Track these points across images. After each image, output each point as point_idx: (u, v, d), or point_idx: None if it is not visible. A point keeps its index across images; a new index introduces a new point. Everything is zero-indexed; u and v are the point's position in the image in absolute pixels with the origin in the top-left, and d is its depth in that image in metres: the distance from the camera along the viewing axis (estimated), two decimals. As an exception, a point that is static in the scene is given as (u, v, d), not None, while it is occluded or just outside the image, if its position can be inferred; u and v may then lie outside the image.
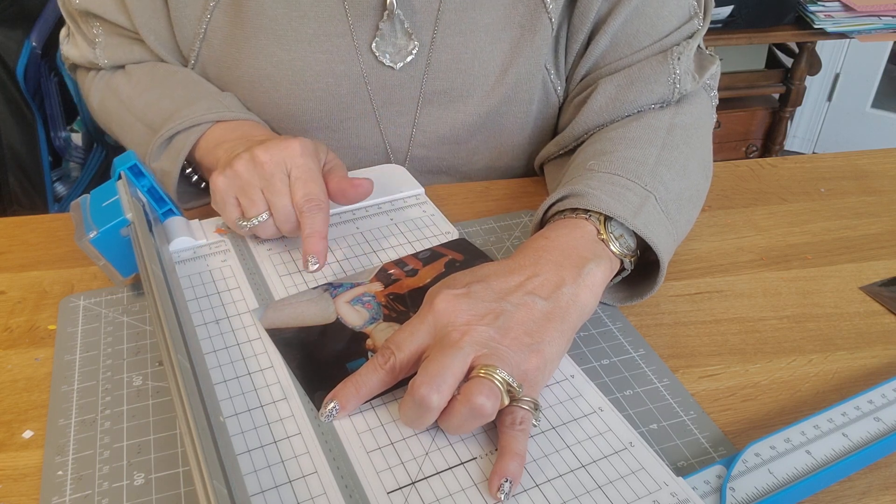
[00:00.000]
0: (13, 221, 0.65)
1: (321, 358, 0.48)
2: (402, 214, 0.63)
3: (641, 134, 0.59)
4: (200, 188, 0.68)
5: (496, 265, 0.48)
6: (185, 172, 0.65)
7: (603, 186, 0.52)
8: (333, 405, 0.43)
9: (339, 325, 0.51)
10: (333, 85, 0.66)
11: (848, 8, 1.79)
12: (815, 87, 2.29)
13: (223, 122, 0.64)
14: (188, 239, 0.58)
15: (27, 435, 0.45)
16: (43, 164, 1.05)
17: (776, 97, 2.02)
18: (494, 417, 0.41)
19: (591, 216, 0.51)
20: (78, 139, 1.11)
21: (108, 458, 0.42)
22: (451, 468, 0.41)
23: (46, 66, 1.02)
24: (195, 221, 0.61)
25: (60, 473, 0.42)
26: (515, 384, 0.41)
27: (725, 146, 2.06)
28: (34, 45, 0.99)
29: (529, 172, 0.75)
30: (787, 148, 2.29)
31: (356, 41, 0.65)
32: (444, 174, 0.74)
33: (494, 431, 0.43)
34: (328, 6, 0.64)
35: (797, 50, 1.91)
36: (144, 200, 0.56)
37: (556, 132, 0.73)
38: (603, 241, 0.50)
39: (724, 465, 0.41)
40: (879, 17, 1.76)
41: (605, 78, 0.65)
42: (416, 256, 0.58)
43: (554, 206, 0.53)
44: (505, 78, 0.67)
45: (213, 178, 0.56)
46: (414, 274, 0.56)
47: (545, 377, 0.44)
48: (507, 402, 0.41)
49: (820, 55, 2.00)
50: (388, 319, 0.51)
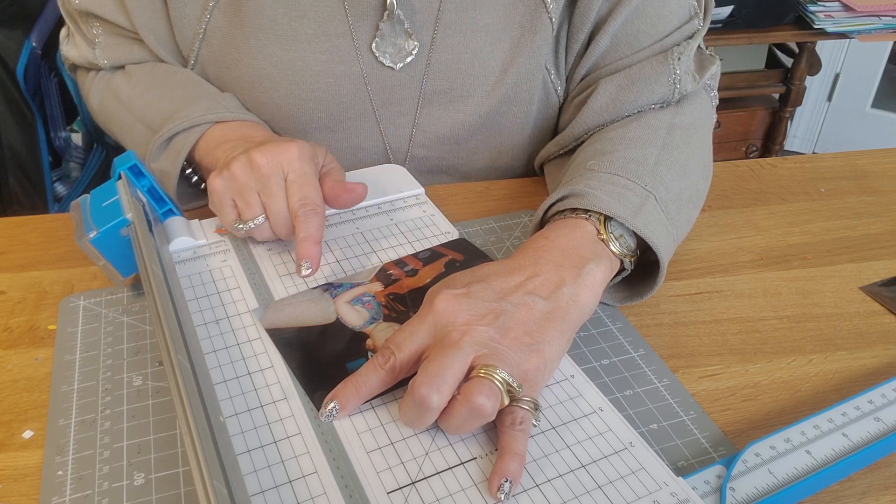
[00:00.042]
0: (13, 221, 0.65)
1: (321, 358, 0.48)
2: (402, 214, 0.63)
3: (641, 134, 0.59)
4: (200, 189, 0.68)
5: (496, 265, 0.48)
6: (184, 173, 0.65)
7: (603, 186, 0.52)
8: (333, 405, 0.43)
9: (339, 325, 0.51)
10: (333, 85, 0.66)
11: (848, 8, 1.79)
12: (815, 87, 2.29)
13: (222, 122, 0.64)
14: (188, 239, 0.58)
15: (27, 435, 0.45)
16: (43, 164, 1.05)
17: (776, 97, 2.02)
18: (494, 417, 0.41)
19: (591, 216, 0.51)
20: (78, 139, 1.11)
21: (108, 458, 0.42)
22: (451, 468, 0.41)
23: (46, 66, 1.02)
24: (195, 221, 0.61)
25: (60, 473, 0.42)
26: (515, 384, 0.41)
27: (725, 146, 2.06)
28: (34, 45, 0.99)
29: (529, 172, 0.75)
30: (787, 148, 2.29)
31: (356, 41, 0.65)
32: (444, 174, 0.74)
33: (494, 431, 0.43)
34: (328, 6, 0.64)
35: (797, 50, 1.91)
36: (144, 200, 0.56)
37: (556, 132, 0.73)
38: (603, 241, 0.50)
39: (724, 465, 0.41)
40: (879, 17, 1.76)
41: (605, 78, 0.65)
42: (416, 256, 0.58)
43: (554, 206, 0.53)
44: (505, 78, 0.67)
45: (210, 179, 0.56)
46: (414, 274, 0.56)
47: (545, 377, 0.44)
48: (507, 402, 0.41)
49: (820, 55, 2.00)
50: (388, 319, 0.51)
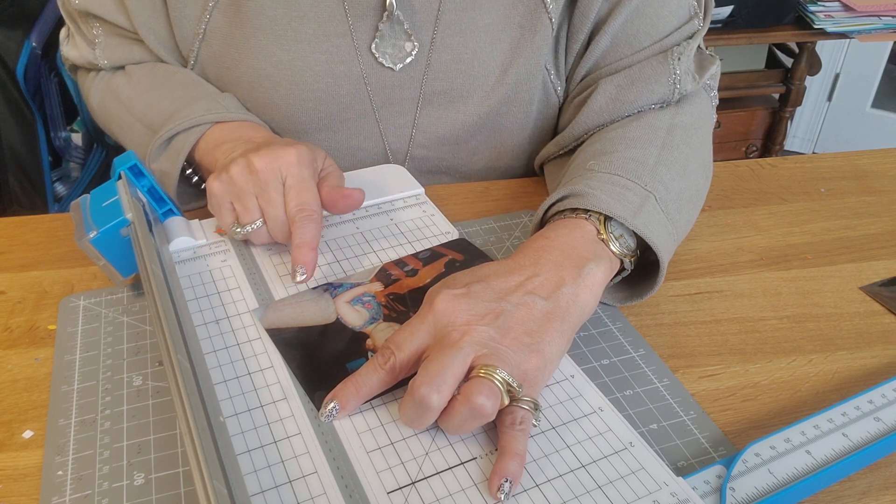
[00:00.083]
0: (13, 221, 0.65)
1: (321, 358, 0.48)
2: (402, 214, 0.63)
3: (641, 134, 0.59)
4: (200, 189, 0.68)
5: (496, 265, 0.48)
6: (185, 173, 0.65)
7: (603, 186, 0.52)
8: (333, 405, 0.43)
9: (339, 325, 0.51)
10: (333, 85, 0.66)
11: (848, 8, 1.79)
12: (815, 87, 2.29)
13: (222, 122, 0.64)
14: (188, 239, 0.58)
15: (27, 435, 0.45)
16: (43, 164, 1.05)
17: (776, 97, 2.02)
18: (494, 417, 0.41)
19: (591, 216, 0.51)
20: (78, 139, 1.11)
21: (108, 458, 0.42)
22: (451, 468, 0.41)
23: (46, 66, 1.02)
24: (195, 221, 0.61)
25: (60, 473, 0.42)
26: (515, 384, 0.41)
27: (725, 146, 2.06)
28: (34, 45, 0.99)
29: (529, 172, 0.75)
30: (787, 148, 2.29)
31: (356, 42, 0.65)
32: (443, 175, 0.74)
33: (494, 431, 0.43)
34: (328, 6, 0.64)
35: (797, 50, 1.91)
36: (144, 200, 0.56)
37: (556, 132, 0.73)
38: (603, 241, 0.50)
39: (724, 465, 0.41)
40: (879, 17, 1.76)
41: (605, 78, 0.65)
42: (416, 256, 0.58)
43: (554, 206, 0.53)
44: (505, 78, 0.67)
45: (208, 181, 0.56)
46: (414, 274, 0.56)
47: (545, 377, 0.44)
48: (507, 402, 0.41)
49: (820, 55, 2.00)
50: (388, 319, 0.51)
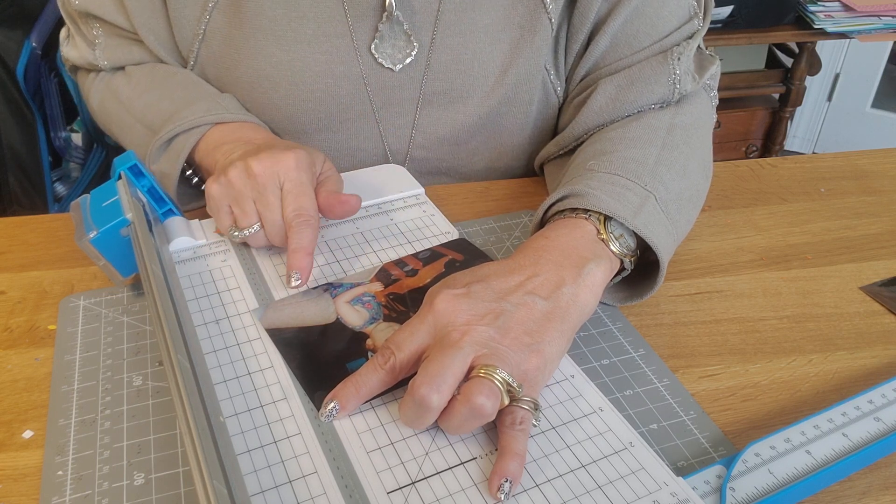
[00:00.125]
0: (13, 221, 0.65)
1: (321, 358, 0.48)
2: (402, 214, 0.63)
3: (641, 134, 0.59)
4: (200, 190, 0.68)
5: (496, 265, 0.48)
6: (185, 174, 0.65)
7: (603, 186, 0.52)
8: (333, 405, 0.43)
9: (339, 325, 0.51)
10: (332, 86, 0.66)
11: (848, 8, 1.79)
12: (815, 87, 2.29)
13: (222, 123, 0.64)
14: (188, 239, 0.58)
15: (27, 435, 0.45)
16: (43, 164, 1.05)
17: (776, 97, 2.02)
18: (494, 417, 0.41)
19: (590, 216, 0.51)
20: (78, 139, 1.11)
21: (108, 458, 0.42)
22: (451, 468, 0.41)
23: (46, 66, 1.02)
24: (195, 221, 0.61)
25: (60, 473, 0.42)
26: (515, 384, 0.41)
27: (725, 146, 2.06)
28: (34, 45, 0.99)
29: (529, 173, 0.75)
30: (787, 148, 2.29)
31: (355, 42, 0.65)
32: (443, 175, 0.74)
33: (494, 431, 0.43)
34: (327, 7, 0.64)
35: (797, 50, 1.91)
36: (144, 200, 0.56)
37: (555, 132, 0.73)
38: (603, 240, 0.50)
39: (724, 465, 0.41)
40: (879, 17, 1.76)
41: (605, 78, 0.65)
42: (416, 256, 0.58)
43: (554, 205, 0.53)
44: (505, 79, 0.67)
45: (207, 184, 0.56)
46: (414, 274, 0.56)
47: (545, 377, 0.44)
48: (507, 402, 0.41)
49: (820, 55, 2.00)
50: (388, 319, 0.51)
